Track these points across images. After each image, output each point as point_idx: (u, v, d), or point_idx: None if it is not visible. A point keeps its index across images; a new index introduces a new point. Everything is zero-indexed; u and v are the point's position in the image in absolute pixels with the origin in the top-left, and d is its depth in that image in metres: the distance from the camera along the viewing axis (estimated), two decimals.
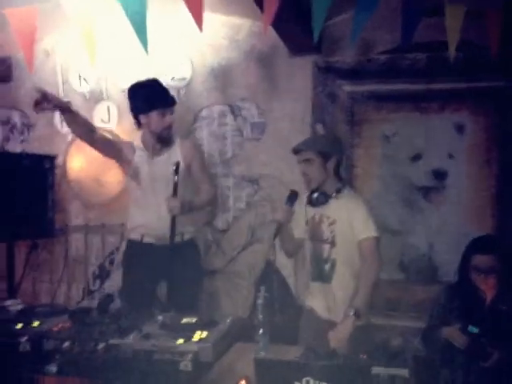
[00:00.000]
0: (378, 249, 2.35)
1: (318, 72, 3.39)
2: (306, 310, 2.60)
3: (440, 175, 3.22)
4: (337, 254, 2.40)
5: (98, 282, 3.83)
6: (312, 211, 2.48)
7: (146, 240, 2.83)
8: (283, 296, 3.43)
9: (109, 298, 2.33)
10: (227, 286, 3.62)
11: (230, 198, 3.65)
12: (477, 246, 2.54)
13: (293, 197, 2.46)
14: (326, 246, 2.43)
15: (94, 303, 2.35)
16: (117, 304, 2.29)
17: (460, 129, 3.20)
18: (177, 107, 3.65)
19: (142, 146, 2.88)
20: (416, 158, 3.27)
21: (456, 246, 3.05)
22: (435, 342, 2.54)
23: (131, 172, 2.86)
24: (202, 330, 1.99)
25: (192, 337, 1.91)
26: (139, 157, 2.85)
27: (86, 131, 2.75)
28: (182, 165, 2.73)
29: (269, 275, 3.52)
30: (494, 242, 2.65)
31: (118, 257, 3.79)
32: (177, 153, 2.85)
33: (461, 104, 3.19)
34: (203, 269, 3.19)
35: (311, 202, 2.46)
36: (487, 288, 2.47)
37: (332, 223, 2.41)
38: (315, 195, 2.44)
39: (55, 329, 2.10)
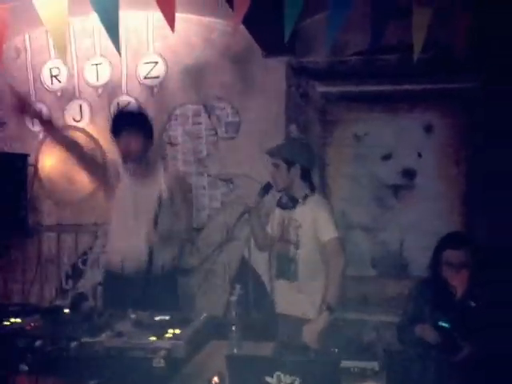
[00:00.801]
0: (341, 247, 2.49)
1: (291, 72, 3.44)
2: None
3: (409, 174, 3.31)
4: (300, 255, 2.55)
5: (70, 281, 3.80)
6: (282, 214, 2.65)
7: (126, 270, 2.76)
8: (258, 293, 3.47)
9: (81, 296, 2.33)
10: (202, 285, 3.64)
11: (205, 197, 3.66)
12: (448, 241, 2.57)
13: (266, 187, 2.65)
14: (292, 247, 2.57)
15: (67, 302, 2.33)
16: (89, 303, 2.28)
17: (429, 129, 3.29)
18: (150, 105, 3.69)
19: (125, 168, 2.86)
20: (386, 157, 3.34)
21: (426, 243, 3.09)
22: (409, 338, 2.57)
23: (114, 195, 2.85)
24: (175, 327, 2.00)
25: (165, 334, 1.92)
26: (123, 182, 2.85)
27: (71, 145, 2.79)
28: (164, 195, 2.78)
29: (244, 273, 3.55)
30: (465, 237, 2.71)
31: (91, 256, 3.78)
32: (160, 183, 2.86)
33: (430, 104, 3.27)
34: (179, 298, 3.15)
35: (281, 206, 2.62)
36: (458, 283, 2.51)
37: (298, 227, 2.57)
38: (284, 200, 2.60)
39: (27, 327, 2.09)
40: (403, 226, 3.31)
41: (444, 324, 2.39)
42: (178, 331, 1.96)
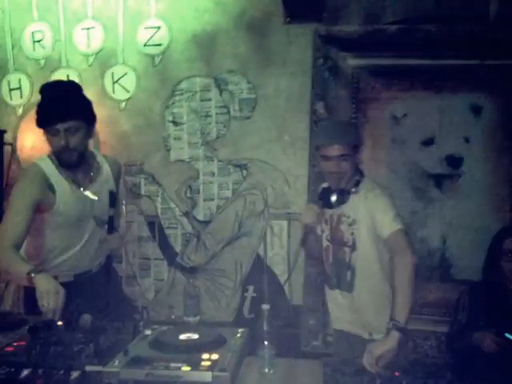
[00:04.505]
0: (407, 242, 1.97)
1: (319, 42, 2.99)
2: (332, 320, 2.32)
3: (455, 162, 2.92)
4: (357, 259, 2.07)
5: None
6: (329, 211, 2.14)
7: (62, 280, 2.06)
8: (275, 297, 3.01)
9: (75, 309, 1.81)
10: (209, 286, 3.18)
11: (214, 185, 3.19)
12: (509, 230, 2.42)
13: (326, 193, 2.10)
14: (347, 250, 2.09)
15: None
16: (87, 317, 1.77)
17: (477, 110, 2.89)
18: (151, 77, 3.20)
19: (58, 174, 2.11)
20: (428, 142, 2.95)
21: (471, 241, 2.86)
22: (463, 347, 2.31)
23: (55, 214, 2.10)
24: (209, 350, 1.52)
25: (200, 361, 1.44)
26: (61, 193, 2.10)
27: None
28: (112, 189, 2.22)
29: (258, 274, 3.10)
30: None
31: None
32: (109, 181, 2.24)
33: (478, 83, 2.87)
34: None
35: (330, 207, 2.10)
36: None
37: (352, 223, 2.07)
38: (334, 197, 2.07)
39: (8, 349, 1.59)
40: (446, 221, 2.92)
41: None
42: (215, 356, 1.48)
